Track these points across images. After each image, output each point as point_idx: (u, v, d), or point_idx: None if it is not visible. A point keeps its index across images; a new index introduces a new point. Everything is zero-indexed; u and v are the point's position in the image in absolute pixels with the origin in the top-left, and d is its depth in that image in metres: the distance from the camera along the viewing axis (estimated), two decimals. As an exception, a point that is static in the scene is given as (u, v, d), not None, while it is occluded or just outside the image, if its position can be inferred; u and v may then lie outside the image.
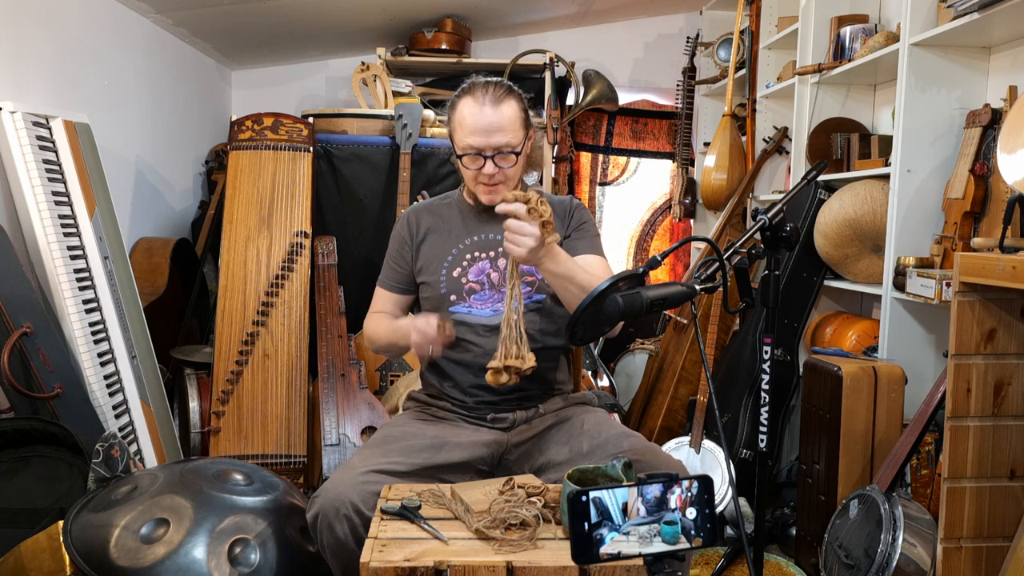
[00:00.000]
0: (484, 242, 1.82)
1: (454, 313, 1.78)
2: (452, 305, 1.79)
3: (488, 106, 1.70)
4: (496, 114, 1.70)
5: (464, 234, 1.84)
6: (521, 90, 1.80)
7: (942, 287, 2.11)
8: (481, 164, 1.72)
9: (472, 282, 1.79)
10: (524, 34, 4.26)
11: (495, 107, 1.71)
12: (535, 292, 1.79)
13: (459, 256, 1.81)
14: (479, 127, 1.70)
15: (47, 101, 2.48)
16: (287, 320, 2.80)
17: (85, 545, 1.57)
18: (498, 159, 1.72)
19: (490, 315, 1.77)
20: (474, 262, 1.80)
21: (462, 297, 1.79)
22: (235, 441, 2.69)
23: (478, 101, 1.71)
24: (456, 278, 1.80)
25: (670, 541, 1.10)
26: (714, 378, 2.97)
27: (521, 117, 1.75)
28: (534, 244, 1.54)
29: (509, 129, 1.71)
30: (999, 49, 2.33)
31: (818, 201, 2.76)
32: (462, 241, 1.83)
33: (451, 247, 1.82)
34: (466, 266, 1.80)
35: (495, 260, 1.80)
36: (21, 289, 2.03)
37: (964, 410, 1.78)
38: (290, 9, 3.40)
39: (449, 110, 1.79)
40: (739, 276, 1.66)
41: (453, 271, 1.80)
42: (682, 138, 4.04)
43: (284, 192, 2.89)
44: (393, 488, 1.58)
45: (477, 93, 1.73)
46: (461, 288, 1.79)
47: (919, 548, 1.93)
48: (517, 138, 1.73)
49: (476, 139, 1.70)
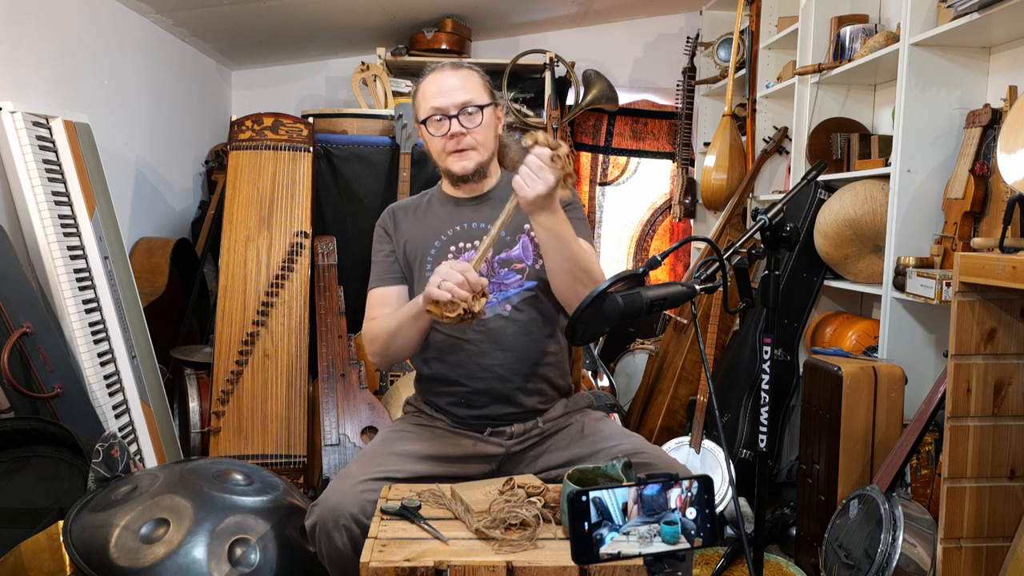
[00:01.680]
0: (468, 231, 1.76)
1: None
2: None
3: (448, 70, 1.73)
4: (455, 76, 1.71)
5: (446, 224, 1.78)
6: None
7: (942, 287, 2.11)
8: (447, 129, 1.70)
9: None
10: (524, 34, 4.26)
11: (454, 71, 1.72)
12: (526, 279, 1.73)
13: (443, 248, 1.76)
14: (441, 89, 1.70)
15: (47, 101, 2.48)
16: (287, 320, 2.80)
17: (85, 545, 1.57)
18: (463, 118, 1.69)
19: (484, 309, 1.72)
20: (460, 253, 1.75)
21: None
22: (235, 441, 2.69)
23: (438, 71, 1.74)
24: None
25: (670, 541, 1.10)
26: (714, 378, 2.97)
27: (484, 83, 1.75)
28: (544, 190, 1.48)
29: (471, 88, 1.71)
30: (999, 49, 2.33)
31: (818, 201, 2.76)
32: (444, 232, 1.77)
33: (433, 239, 1.77)
34: (452, 258, 1.73)
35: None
36: (21, 289, 2.03)
37: (964, 410, 1.78)
38: (290, 9, 3.40)
39: (413, 95, 1.79)
40: (739, 276, 1.66)
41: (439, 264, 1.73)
42: (682, 138, 4.04)
43: (284, 192, 2.89)
44: (393, 488, 1.58)
45: (437, 68, 1.75)
46: None
47: (919, 548, 1.93)
48: (480, 97, 1.72)
49: (439, 100, 1.69)
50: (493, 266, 1.74)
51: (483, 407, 1.73)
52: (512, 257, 1.74)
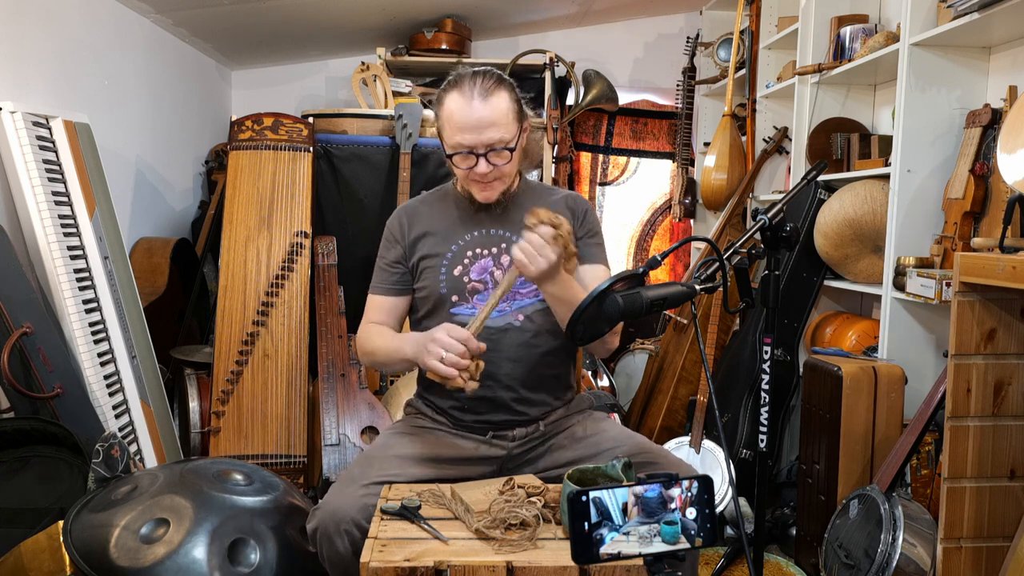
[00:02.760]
0: (485, 238, 1.70)
1: (456, 315, 1.67)
2: (454, 306, 1.68)
3: (477, 100, 1.57)
4: (486, 108, 1.57)
5: (463, 230, 1.71)
6: (520, 89, 1.69)
7: (942, 287, 2.11)
8: (473, 163, 1.60)
9: (475, 281, 1.68)
10: (524, 34, 4.26)
11: (484, 100, 1.57)
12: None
13: (459, 253, 1.69)
14: (469, 123, 1.57)
15: (47, 101, 2.48)
16: (287, 320, 2.80)
17: (85, 545, 1.57)
18: (491, 156, 1.60)
19: (495, 316, 1.64)
20: (476, 259, 1.69)
21: (464, 298, 1.68)
22: (235, 441, 2.69)
23: (466, 95, 1.58)
24: (457, 277, 1.68)
25: (670, 541, 1.10)
26: (714, 378, 2.97)
27: (514, 109, 1.62)
28: (546, 267, 1.46)
29: (501, 123, 1.58)
30: (999, 49, 2.33)
31: (818, 201, 2.76)
32: (461, 237, 1.70)
33: (450, 244, 1.70)
34: (467, 264, 1.68)
35: (498, 257, 1.69)
36: (21, 289, 2.03)
37: (964, 410, 1.78)
38: (290, 9, 3.40)
39: (436, 106, 1.65)
40: (739, 276, 1.66)
41: (454, 270, 1.68)
42: (682, 138, 4.04)
43: (284, 192, 2.89)
44: (393, 488, 1.58)
45: (464, 86, 1.59)
46: (463, 288, 1.68)
47: (919, 548, 1.93)
48: (510, 132, 1.60)
49: (466, 136, 1.58)
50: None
51: (484, 413, 1.71)
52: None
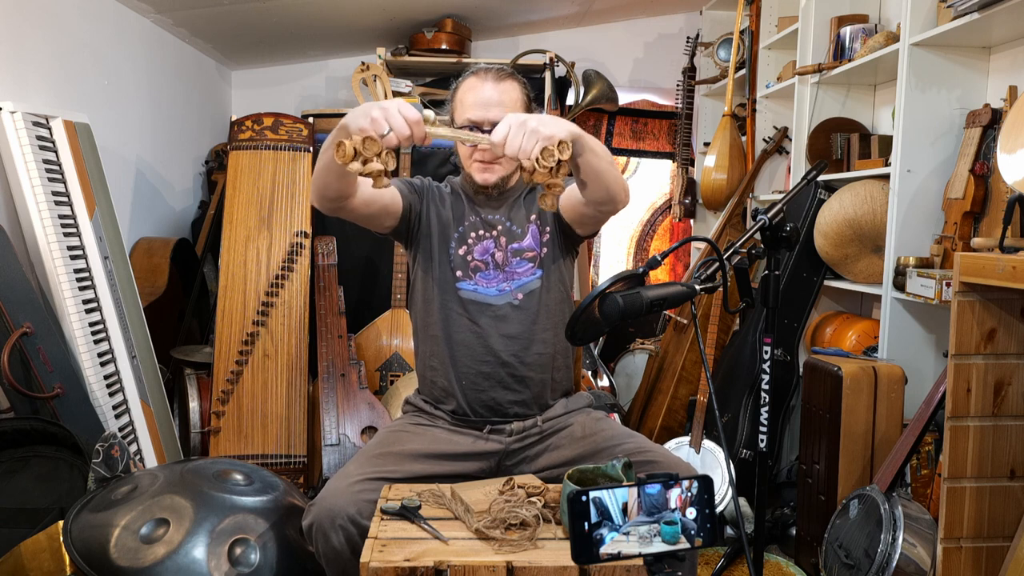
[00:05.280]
0: (486, 222, 1.81)
1: (461, 290, 1.77)
2: (459, 281, 1.78)
3: (489, 82, 1.71)
4: (496, 90, 1.71)
5: (464, 215, 1.83)
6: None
7: (942, 287, 2.11)
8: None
9: (478, 260, 1.78)
10: (524, 34, 4.26)
11: (496, 83, 1.71)
12: (536, 267, 1.78)
13: (464, 234, 1.80)
14: (479, 101, 1.70)
15: (47, 101, 2.48)
16: (287, 320, 2.80)
17: (85, 545, 1.57)
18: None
19: (496, 295, 1.76)
20: (479, 240, 1.79)
21: (468, 275, 1.78)
22: (235, 441, 2.69)
23: (480, 78, 1.73)
24: (463, 256, 1.79)
25: (670, 541, 1.10)
26: (714, 378, 2.97)
27: (523, 100, 1.75)
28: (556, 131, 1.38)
29: (509, 106, 1.70)
30: (999, 49, 2.33)
31: (818, 201, 2.76)
32: (467, 219, 1.82)
33: (457, 224, 1.81)
34: (471, 244, 1.79)
35: (498, 239, 1.79)
36: (21, 289, 2.03)
37: (964, 410, 1.78)
38: (290, 9, 3.40)
39: (451, 92, 1.79)
40: (739, 276, 1.66)
41: (460, 248, 1.79)
42: (682, 138, 4.04)
43: (284, 192, 2.89)
44: (393, 488, 1.58)
45: (480, 73, 1.74)
46: (467, 266, 1.78)
47: (919, 548, 1.93)
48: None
49: (474, 112, 1.70)
50: (507, 255, 1.78)
51: (484, 390, 1.75)
52: (524, 247, 1.78)
